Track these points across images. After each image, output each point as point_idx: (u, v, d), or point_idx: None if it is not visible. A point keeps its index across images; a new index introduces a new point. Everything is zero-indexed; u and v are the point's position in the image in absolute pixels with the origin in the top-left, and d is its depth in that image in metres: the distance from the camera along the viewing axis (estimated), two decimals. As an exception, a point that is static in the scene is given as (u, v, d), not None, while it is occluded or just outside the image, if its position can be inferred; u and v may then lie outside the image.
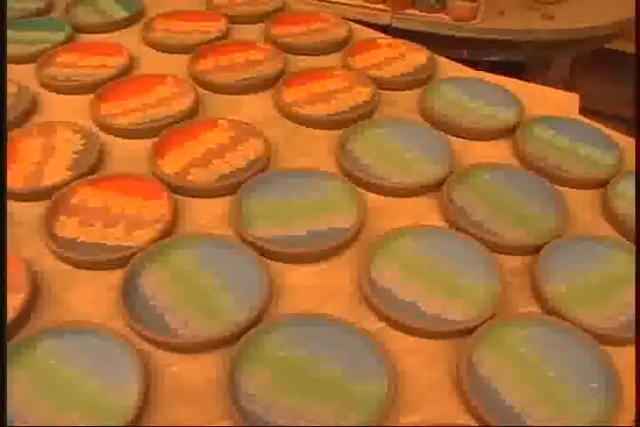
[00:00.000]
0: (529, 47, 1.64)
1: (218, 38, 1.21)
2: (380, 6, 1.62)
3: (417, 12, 1.60)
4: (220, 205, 0.86)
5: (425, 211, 0.87)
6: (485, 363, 0.68)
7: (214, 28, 1.24)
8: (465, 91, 1.09)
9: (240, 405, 0.63)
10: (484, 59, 1.65)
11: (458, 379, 0.67)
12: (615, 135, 1.02)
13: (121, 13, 1.29)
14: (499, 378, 0.67)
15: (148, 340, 0.69)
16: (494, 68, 1.66)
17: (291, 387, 0.65)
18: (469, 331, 0.70)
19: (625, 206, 0.88)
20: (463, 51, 1.64)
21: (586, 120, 1.06)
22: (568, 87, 2.60)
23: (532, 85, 1.16)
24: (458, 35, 1.58)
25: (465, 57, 1.63)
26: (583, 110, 1.11)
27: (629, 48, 2.41)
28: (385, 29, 1.49)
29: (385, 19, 1.59)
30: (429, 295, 0.75)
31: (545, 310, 0.75)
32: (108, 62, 1.13)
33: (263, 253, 0.78)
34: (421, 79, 1.12)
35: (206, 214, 0.85)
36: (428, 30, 1.57)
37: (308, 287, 0.76)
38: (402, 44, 1.21)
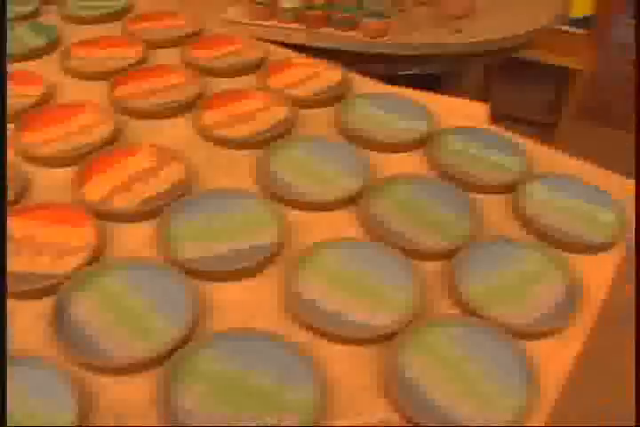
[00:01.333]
0: (441, 60, 1.70)
1: (136, 64, 1.22)
2: (295, 26, 1.66)
3: (331, 30, 1.65)
4: (147, 229, 0.88)
5: (345, 224, 0.91)
6: (411, 365, 0.72)
7: (132, 53, 1.26)
8: (379, 106, 1.14)
9: (177, 421, 0.65)
10: (401, 73, 1.71)
11: (386, 382, 0.70)
12: (523, 141, 1.08)
13: (38, 42, 1.29)
14: (425, 378, 0.71)
15: (82, 365, 0.70)
16: (413, 79, 1.73)
17: (225, 400, 0.67)
18: (394, 335, 0.74)
19: (533, 208, 0.94)
20: (380, 66, 1.69)
21: (495, 129, 1.11)
22: (483, 95, 2.70)
23: (443, 97, 1.21)
24: (371, 51, 1.63)
25: (383, 72, 1.68)
26: (498, 116, 1.16)
27: (538, 57, 2.52)
28: (302, 48, 1.52)
29: (300, 38, 1.63)
30: (354, 305, 0.78)
31: (464, 312, 0.79)
32: (28, 91, 1.13)
33: (190, 273, 0.80)
34: (337, 96, 1.16)
35: (133, 239, 0.87)
36: (342, 48, 1.62)
37: (235, 304, 0.79)
38: (316, 63, 1.25)
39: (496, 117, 1.17)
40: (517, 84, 2.99)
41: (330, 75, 1.22)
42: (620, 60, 2.94)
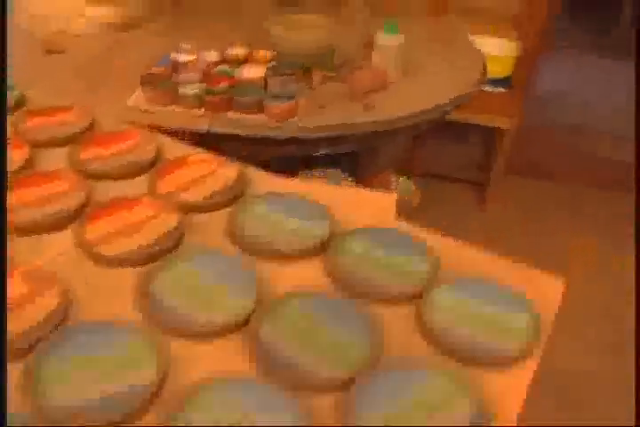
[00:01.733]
0: (353, 139, 1.64)
1: (21, 168, 1.14)
2: (199, 111, 1.60)
3: (236, 115, 1.59)
4: (17, 371, 0.79)
5: (234, 354, 0.83)
6: None
7: (18, 156, 1.17)
8: (277, 208, 1.07)
9: None
10: (314, 154, 1.64)
11: None
12: (431, 238, 1.02)
13: None
14: None
15: None
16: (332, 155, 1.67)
17: None
18: None
19: (438, 319, 0.88)
20: (293, 147, 1.61)
21: (402, 225, 1.06)
22: (409, 155, 2.68)
23: (348, 191, 1.16)
24: (278, 136, 1.56)
25: (296, 152, 1.62)
26: (427, 175, 1.12)
27: (463, 117, 2.53)
28: (206, 134, 1.46)
29: (204, 123, 1.57)
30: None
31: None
32: None
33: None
34: (232, 197, 1.09)
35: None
36: (249, 134, 1.55)
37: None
38: (212, 160, 1.18)
39: (425, 177, 1.12)
40: (445, 143, 2.99)
41: (226, 172, 1.15)
42: (544, 116, 2.97)
